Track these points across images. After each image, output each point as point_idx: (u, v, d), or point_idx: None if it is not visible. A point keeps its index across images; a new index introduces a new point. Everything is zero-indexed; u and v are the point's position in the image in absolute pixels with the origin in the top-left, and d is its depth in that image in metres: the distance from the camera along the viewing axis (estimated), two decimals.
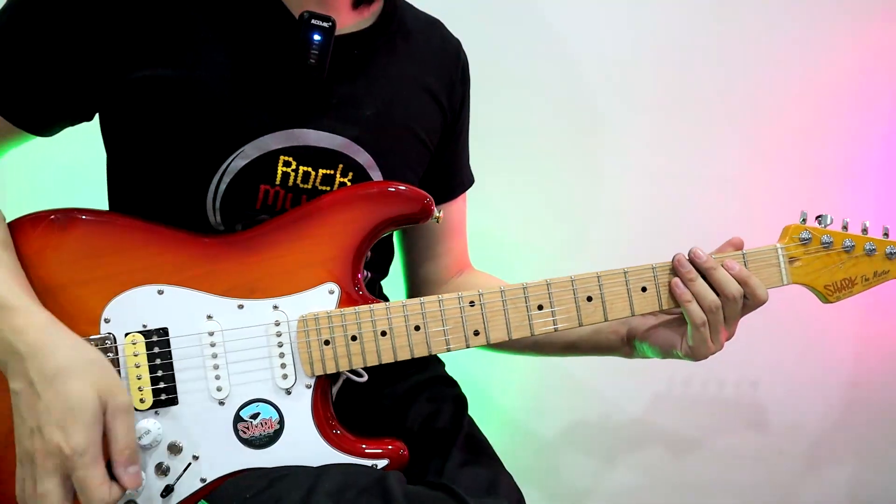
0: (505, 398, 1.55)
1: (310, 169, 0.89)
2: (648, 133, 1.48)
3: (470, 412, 1.06)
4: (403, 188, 0.89)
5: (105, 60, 0.82)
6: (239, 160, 0.85)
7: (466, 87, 1.07)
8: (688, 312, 0.88)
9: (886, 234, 0.96)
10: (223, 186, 0.86)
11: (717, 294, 0.88)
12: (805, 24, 1.48)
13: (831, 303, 0.96)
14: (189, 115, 0.83)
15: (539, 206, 1.49)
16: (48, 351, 0.73)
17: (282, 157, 0.87)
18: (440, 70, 1.01)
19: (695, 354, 0.90)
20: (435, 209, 0.90)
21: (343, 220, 0.87)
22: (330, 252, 0.86)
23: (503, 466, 0.98)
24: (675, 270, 0.90)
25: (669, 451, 1.61)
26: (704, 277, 0.89)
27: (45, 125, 0.86)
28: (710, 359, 0.92)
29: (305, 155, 0.88)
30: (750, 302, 0.90)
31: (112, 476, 0.73)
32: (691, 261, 0.89)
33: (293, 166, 0.88)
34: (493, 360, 0.91)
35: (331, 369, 0.84)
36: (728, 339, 0.91)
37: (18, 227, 0.83)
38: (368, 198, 0.88)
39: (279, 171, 0.87)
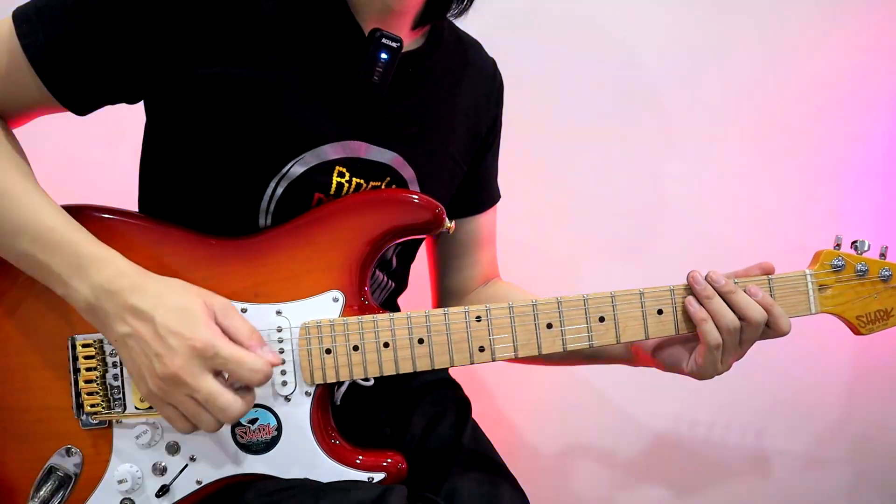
0: (508, 398, 1.55)
1: (362, 181, 0.89)
2: (650, 135, 1.48)
3: (474, 415, 1.04)
4: (414, 196, 0.87)
5: (172, 52, 0.80)
6: (298, 166, 0.85)
7: (500, 107, 1.08)
8: (702, 333, 0.84)
9: None
10: (279, 191, 0.85)
11: (739, 317, 0.84)
12: (806, 24, 1.46)
13: (864, 335, 0.90)
14: (257, 116, 0.83)
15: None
16: (143, 280, 0.76)
17: (337, 168, 0.87)
18: (477, 91, 1.01)
19: (701, 375, 0.87)
20: (447, 220, 0.88)
21: (351, 226, 0.85)
22: (336, 259, 0.85)
23: (507, 472, 0.96)
24: (689, 288, 0.86)
25: (671, 453, 1.61)
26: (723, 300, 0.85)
27: (88, 107, 0.83)
28: None
29: (358, 167, 0.88)
30: (771, 331, 0.85)
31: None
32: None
33: (347, 177, 0.88)
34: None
35: (331, 378, 0.83)
36: (737, 361, 0.87)
37: None
38: (377, 205, 0.86)
39: (334, 182, 0.87)
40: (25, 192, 0.78)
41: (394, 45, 0.84)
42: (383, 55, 0.84)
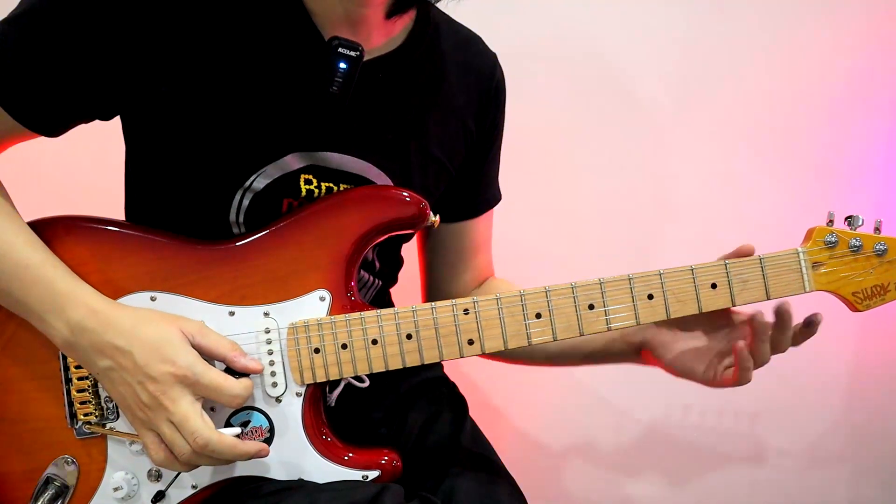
0: (505, 397, 1.54)
1: (332, 185, 0.88)
2: (648, 133, 1.47)
3: (470, 413, 1.04)
4: (401, 193, 0.87)
5: (132, 71, 0.80)
6: (261, 179, 0.85)
7: (500, 105, 1.02)
8: (758, 353, 0.86)
9: None
10: (246, 202, 0.86)
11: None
12: (806, 24, 1.44)
13: (861, 311, 0.88)
14: (215, 132, 0.83)
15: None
16: (116, 316, 0.77)
17: (303, 176, 0.87)
18: (470, 90, 0.97)
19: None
20: (431, 214, 0.87)
21: (335, 225, 0.85)
22: (322, 258, 0.85)
23: (505, 472, 0.95)
24: (777, 316, 0.86)
25: (670, 452, 1.60)
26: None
27: (57, 128, 0.84)
28: None
29: (326, 174, 0.88)
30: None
31: None
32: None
33: (315, 184, 0.87)
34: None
35: (321, 378, 0.83)
36: None
37: None
38: (360, 202, 0.86)
39: (303, 189, 0.87)
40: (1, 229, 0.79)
41: (352, 54, 0.81)
42: (342, 65, 0.81)
